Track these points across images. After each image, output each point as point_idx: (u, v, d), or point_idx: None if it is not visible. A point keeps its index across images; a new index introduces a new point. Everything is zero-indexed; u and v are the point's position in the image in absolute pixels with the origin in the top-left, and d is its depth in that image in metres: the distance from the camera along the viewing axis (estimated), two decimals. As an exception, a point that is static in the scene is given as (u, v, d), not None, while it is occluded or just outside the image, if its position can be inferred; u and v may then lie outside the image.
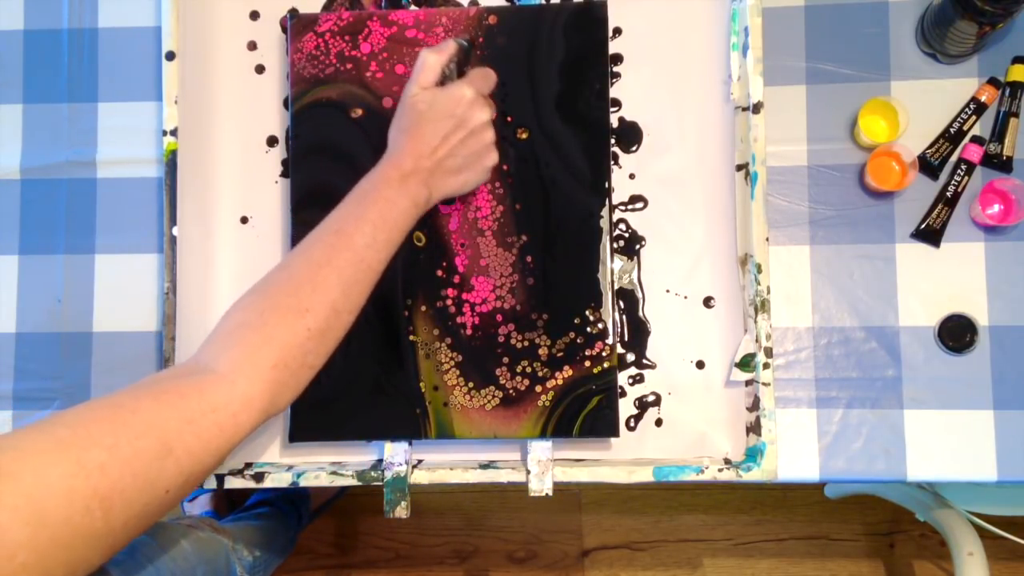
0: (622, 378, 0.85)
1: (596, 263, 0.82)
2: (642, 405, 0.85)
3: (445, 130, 0.73)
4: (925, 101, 0.85)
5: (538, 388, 0.81)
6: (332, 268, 0.66)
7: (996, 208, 0.83)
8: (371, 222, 0.69)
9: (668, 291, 0.86)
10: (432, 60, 0.75)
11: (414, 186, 0.72)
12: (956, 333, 0.82)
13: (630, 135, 0.87)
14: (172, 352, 0.82)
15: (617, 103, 0.88)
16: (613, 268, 0.83)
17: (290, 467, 0.83)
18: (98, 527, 0.50)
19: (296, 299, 0.64)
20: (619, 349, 0.85)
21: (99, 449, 0.51)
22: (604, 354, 0.81)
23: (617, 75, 0.88)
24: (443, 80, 0.76)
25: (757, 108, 0.81)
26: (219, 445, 0.57)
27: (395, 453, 0.82)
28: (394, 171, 0.72)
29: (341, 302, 0.66)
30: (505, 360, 0.82)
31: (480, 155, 0.76)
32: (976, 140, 0.84)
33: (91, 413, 0.53)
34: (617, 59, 0.88)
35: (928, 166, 0.84)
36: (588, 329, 0.82)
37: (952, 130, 0.84)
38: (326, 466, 0.83)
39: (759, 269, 0.80)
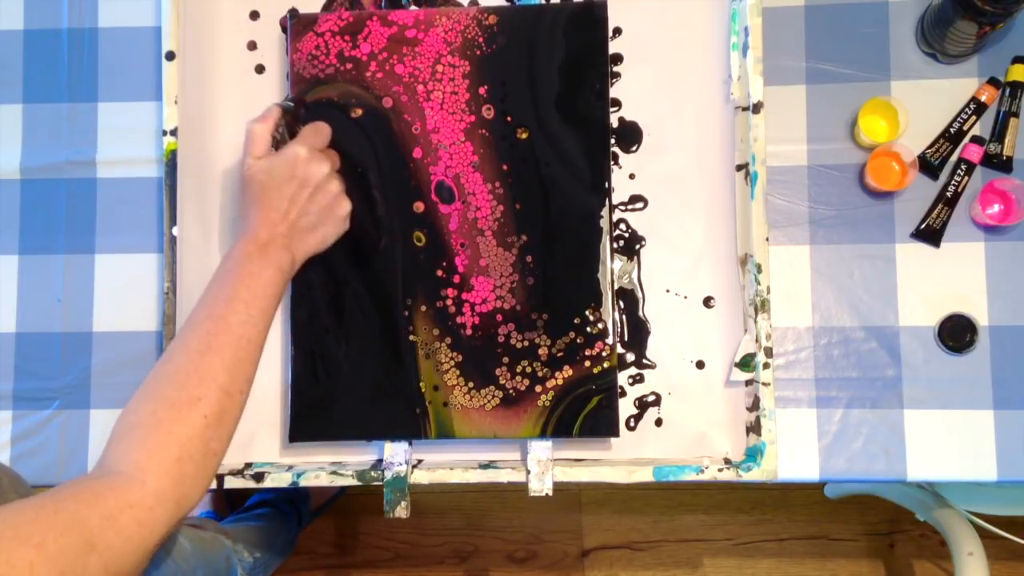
0: (622, 378, 0.85)
1: (596, 263, 0.82)
2: (642, 405, 0.85)
3: (290, 193, 0.74)
4: (925, 101, 0.85)
5: (538, 388, 0.81)
6: (214, 353, 0.67)
7: (996, 208, 0.83)
8: (241, 299, 0.69)
9: (668, 291, 0.86)
10: (259, 129, 0.75)
11: (275, 253, 0.72)
12: (956, 333, 0.82)
13: (630, 135, 0.87)
14: (172, 352, 0.82)
15: (617, 103, 0.88)
16: (613, 268, 0.83)
17: (290, 467, 0.83)
18: None
19: (185, 391, 0.65)
20: (619, 349, 0.85)
21: (27, 548, 0.52)
22: (604, 354, 0.81)
23: (617, 75, 0.88)
24: (276, 145, 0.76)
25: (757, 108, 0.81)
26: (140, 541, 0.59)
27: (395, 453, 0.82)
28: (251, 245, 0.72)
29: (230, 384, 0.67)
30: (505, 360, 0.82)
31: (331, 207, 0.77)
32: (976, 140, 0.84)
33: (18, 515, 0.54)
34: (617, 59, 0.88)
35: (928, 166, 0.84)
36: (588, 329, 0.82)
37: (952, 130, 0.84)
38: (326, 466, 0.83)
39: (759, 269, 0.80)
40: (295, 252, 0.74)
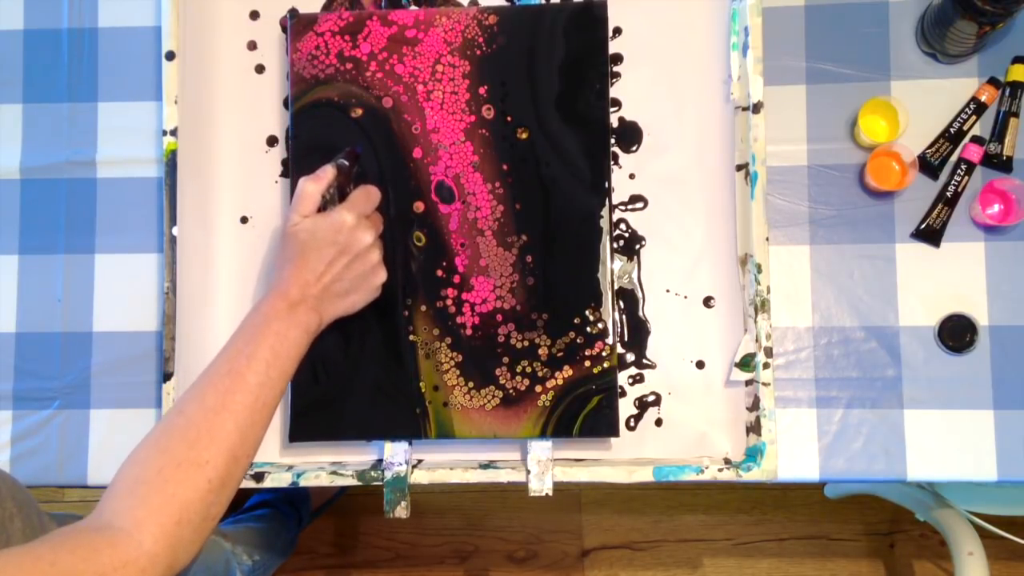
0: (622, 378, 0.85)
1: (596, 263, 0.82)
2: (642, 405, 0.85)
3: (329, 257, 0.73)
4: (925, 101, 0.85)
5: (538, 388, 0.81)
6: (228, 413, 0.66)
7: (996, 208, 0.83)
8: (263, 359, 0.69)
9: (668, 291, 0.86)
10: (310, 189, 0.74)
11: (303, 314, 0.72)
12: (956, 333, 0.82)
13: (630, 135, 0.87)
14: (172, 352, 0.82)
15: (617, 103, 0.88)
16: (613, 268, 0.83)
17: (290, 467, 0.83)
18: None
19: (195, 452, 0.64)
20: (619, 349, 0.85)
21: None
22: (604, 354, 0.81)
23: (617, 75, 0.88)
24: (324, 205, 0.75)
25: (757, 108, 0.81)
26: None
27: (395, 453, 0.82)
28: (281, 302, 0.72)
29: (239, 448, 0.66)
30: (505, 360, 0.82)
31: (367, 276, 0.76)
32: (976, 140, 0.84)
33: (14, 566, 0.54)
34: (617, 59, 0.88)
35: (928, 166, 0.84)
36: (588, 329, 0.82)
37: (952, 130, 0.84)
38: (326, 466, 0.83)
39: (759, 269, 0.80)
40: (323, 314, 0.74)
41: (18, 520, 0.69)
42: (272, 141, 0.90)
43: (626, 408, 0.84)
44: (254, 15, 0.91)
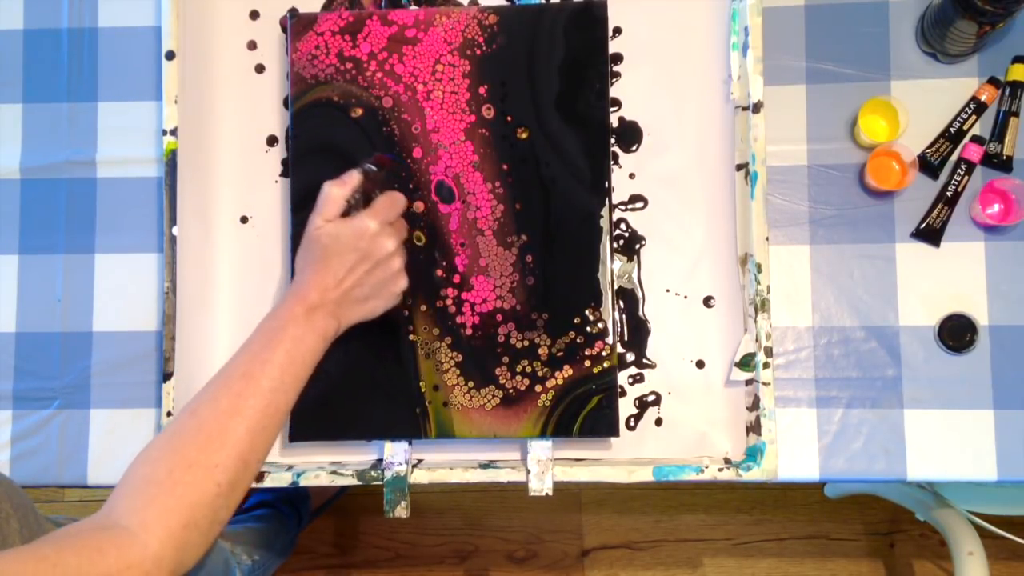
0: (622, 378, 0.85)
1: (596, 263, 0.82)
2: (642, 405, 0.85)
3: (350, 263, 0.73)
4: (925, 101, 0.85)
5: (538, 388, 0.81)
6: (241, 418, 0.66)
7: (996, 208, 0.83)
8: (278, 364, 0.69)
9: (668, 291, 0.86)
10: (335, 193, 0.74)
11: (321, 319, 0.72)
12: (956, 333, 0.82)
13: (630, 135, 0.87)
14: (172, 352, 0.82)
15: (617, 103, 0.88)
16: (613, 268, 0.83)
17: (290, 467, 0.83)
18: None
19: (206, 454, 0.64)
20: (619, 349, 0.85)
21: None
22: (604, 354, 0.81)
23: (617, 75, 0.88)
24: (348, 210, 0.75)
25: (757, 108, 0.81)
26: None
27: (395, 453, 0.82)
28: (299, 306, 0.71)
29: (250, 453, 0.66)
30: (505, 360, 0.82)
31: (387, 283, 0.76)
32: (976, 140, 0.84)
33: (18, 564, 0.54)
34: (617, 59, 0.88)
35: (928, 166, 0.84)
36: (588, 329, 0.82)
37: (952, 130, 0.84)
38: (326, 466, 0.83)
39: (759, 269, 0.80)
40: (342, 320, 0.74)
41: (15, 521, 0.69)
42: (272, 141, 0.90)
43: (626, 408, 0.84)
44: (254, 15, 0.91)
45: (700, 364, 0.85)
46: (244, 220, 0.89)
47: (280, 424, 0.70)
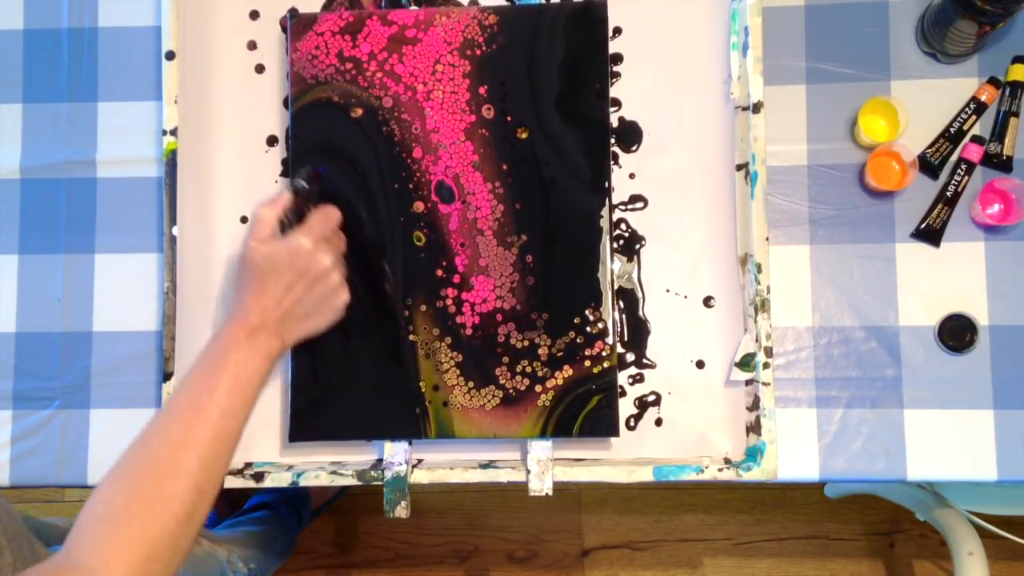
0: (622, 378, 0.85)
1: (596, 263, 0.82)
2: (642, 405, 0.85)
3: (287, 282, 0.73)
4: (925, 101, 0.85)
5: (538, 388, 0.81)
6: (192, 447, 0.66)
7: (996, 208, 0.83)
8: (225, 390, 0.68)
9: (668, 291, 0.86)
10: (265, 214, 0.74)
11: (264, 341, 0.72)
12: (956, 333, 0.82)
13: (630, 135, 0.87)
14: (172, 352, 0.82)
15: (617, 103, 0.88)
16: (613, 268, 0.83)
17: (290, 467, 0.83)
18: None
19: (161, 488, 0.64)
20: (619, 349, 0.85)
21: None
22: (604, 354, 0.81)
23: (617, 75, 0.88)
24: (282, 228, 0.75)
25: (757, 108, 0.81)
26: None
27: (395, 453, 0.82)
28: (241, 329, 0.71)
29: (205, 482, 0.66)
30: (505, 360, 0.82)
31: (328, 298, 0.75)
32: (976, 140, 0.84)
33: None
34: (617, 59, 0.88)
35: (928, 166, 0.84)
36: (588, 329, 0.82)
37: (952, 130, 0.84)
38: (326, 466, 0.83)
39: (759, 269, 0.80)
40: (286, 338, 0.74)
41: (7, 554, 0.68)
42: (272, 141, 0.90)
43: (626, 408, 0.84)
44: (254, 15, 0.91)
45: (700, 364, 0.85)
46: (244, 220, 0.89)
47: (233, 448, 0.70)
